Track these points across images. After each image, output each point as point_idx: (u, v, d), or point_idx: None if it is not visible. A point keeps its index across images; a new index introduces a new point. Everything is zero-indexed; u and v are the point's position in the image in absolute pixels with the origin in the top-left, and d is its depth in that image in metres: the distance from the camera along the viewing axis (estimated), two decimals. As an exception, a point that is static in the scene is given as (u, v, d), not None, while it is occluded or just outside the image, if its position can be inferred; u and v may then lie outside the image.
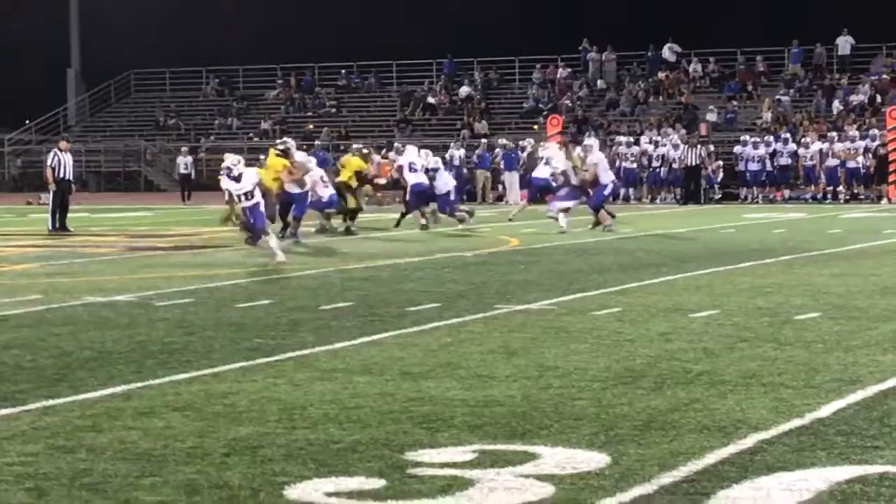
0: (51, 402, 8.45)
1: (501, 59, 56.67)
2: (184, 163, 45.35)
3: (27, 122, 59.97)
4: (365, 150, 28.31)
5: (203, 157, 52.14)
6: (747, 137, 41.97)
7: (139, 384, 9.04)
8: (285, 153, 23.73)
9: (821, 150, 39.90)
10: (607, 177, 26.15)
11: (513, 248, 21.38)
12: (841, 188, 39.65)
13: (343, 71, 59.03)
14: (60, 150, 28.73)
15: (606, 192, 26.10)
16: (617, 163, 39.41)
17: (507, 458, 6.82)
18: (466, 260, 19.22)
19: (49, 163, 28.68)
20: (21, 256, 20.89)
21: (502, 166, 42.30)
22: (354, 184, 26.45)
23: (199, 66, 60.51)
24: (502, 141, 43.64)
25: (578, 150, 27.81)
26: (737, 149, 41.65)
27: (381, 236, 25.10)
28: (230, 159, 19.18)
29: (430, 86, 56.51)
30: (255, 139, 53.49)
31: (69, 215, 28.33)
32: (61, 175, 28.21)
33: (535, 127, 48.18)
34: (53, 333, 11.59)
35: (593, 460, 6.74)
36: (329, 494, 6.16)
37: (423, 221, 26.86)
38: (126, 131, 58.33)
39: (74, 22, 60.76)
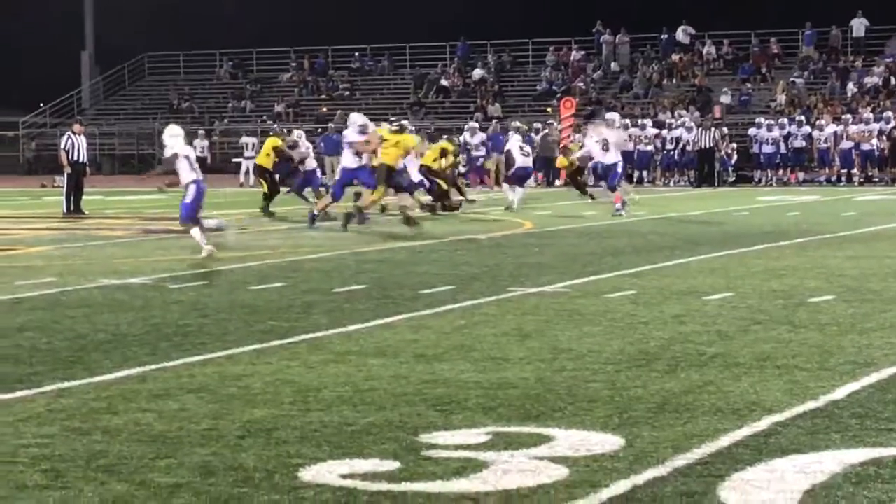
0: (66, 384, 8.48)
1: (515, 41, 56.59)
2: (200, 146, 45.32)
3: (41, 105, 60.03)
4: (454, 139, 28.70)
5: (217, 140, 52.19)
6: (761, 120, 41.88)
7: (154, 366, 9.06)
8: (402, 129, 23.63)
9: (835, 133, 39.80)
10: (616, 156, 26.01)
11: (526, 231, 21.37)
12: (855, 171, 39.56)
13: (356, 54, 58.96)
14: (74, 133, 28.77)
15: (619, 169, 25.99)
16: (631, 145, 39.36)
17: (520, 440, 6.82)
18: (480, 242, 19.22)
19: (63, 146, 28.70)
20: (36, 239, 20.93)
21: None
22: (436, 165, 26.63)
23: (213, 49, 60.50)
24: (515, 123, 43.54)
25: (593, 127, 27.76)
26: (751, 131, 41.58)
27: (392, 219, 25.06)
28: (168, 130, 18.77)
29: (443, 68, 56.42)
30: (269, 122, 53.52)
31: (83, 198, 28.39)
32: (75, 158, 28.27)
33: (549, 109, 48.10)
34: (68, 316, 11.62)
35: (607, 443, 6.75)
36: (344, 476, 6.17)
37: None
38: (140, 114, 58.34)
39: (88, 5, 60.78)
